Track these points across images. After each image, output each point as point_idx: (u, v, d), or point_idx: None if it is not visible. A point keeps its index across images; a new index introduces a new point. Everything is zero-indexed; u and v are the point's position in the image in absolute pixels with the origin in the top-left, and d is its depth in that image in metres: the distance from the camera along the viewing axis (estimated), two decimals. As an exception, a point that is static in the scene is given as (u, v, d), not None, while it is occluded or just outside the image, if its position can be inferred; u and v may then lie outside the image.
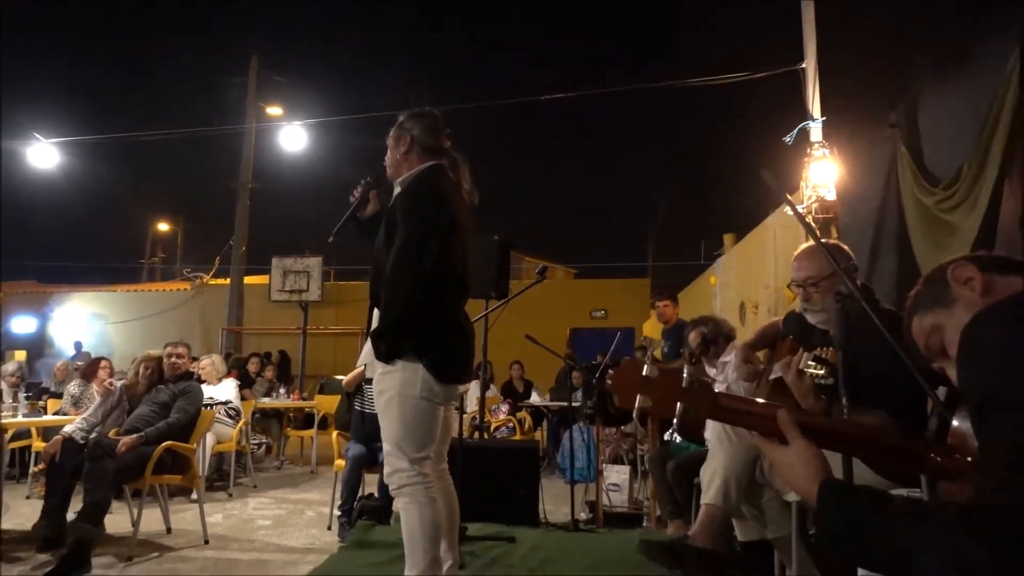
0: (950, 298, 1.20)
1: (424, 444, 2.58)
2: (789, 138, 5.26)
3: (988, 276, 1.17)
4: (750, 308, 7.15)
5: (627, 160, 49.04)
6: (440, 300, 2.62)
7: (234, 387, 6.68)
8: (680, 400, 1.18)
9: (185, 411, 4.39)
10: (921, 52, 3.34)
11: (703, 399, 1.18)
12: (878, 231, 3.76)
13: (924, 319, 1.25)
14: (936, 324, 1.22)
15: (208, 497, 5.59)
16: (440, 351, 2.62)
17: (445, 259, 2.60)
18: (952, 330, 1.17)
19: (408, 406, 2.56)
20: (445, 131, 2.85)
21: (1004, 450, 0.88)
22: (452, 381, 2.67)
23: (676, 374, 1.19)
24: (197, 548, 4.14)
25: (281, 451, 8.39)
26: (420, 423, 2.57)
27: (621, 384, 1.22)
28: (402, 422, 2.57)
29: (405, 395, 2.56)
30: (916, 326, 1.27)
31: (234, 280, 14.99)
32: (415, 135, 2.77)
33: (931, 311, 1.23)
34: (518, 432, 7.92)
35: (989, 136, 2.70)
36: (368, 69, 40.22)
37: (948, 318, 1.20)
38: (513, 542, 4.04)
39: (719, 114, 25.93)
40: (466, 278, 2.79)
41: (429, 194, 2.67)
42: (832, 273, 2.52)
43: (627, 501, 5.19)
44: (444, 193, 2.69)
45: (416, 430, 2.57)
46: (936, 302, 1.23)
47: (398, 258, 2.58)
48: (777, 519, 2.77)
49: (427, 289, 2.57)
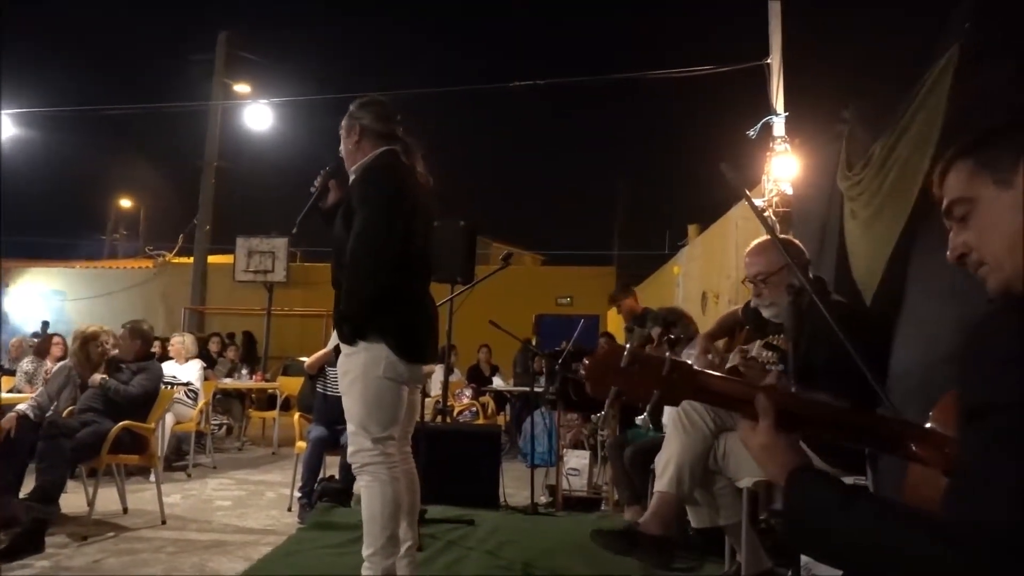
0: (1010, 178, 0.98)
1: (388, 424, 2.61)
2: (753, 132, 5.35)
3: None
4: (712, 298, 7.27)
5: (596, 150, 49.20)
6: (401, 281, 2.65)
7: (199, 369, 6.63)
8: (658, 387, 1.13)
9: (143, 387, 4.35)
10: (875, 52, 3.43)
11: (683, 384, 1.13)
12: (823, 225, 3.87)
13: (963, 175, 1.04)
14: (973, 195, 1.02)
15: (167, 477, 5.55)
16: (403, 331, 2.65)
17: (404, 240, 2.63)
18: (985, 213, 1.01)
19: (372, 386, 2.58)
20: (396, 117, 2.85)
21: (991, 462, 0.82)
22: (416, 360, 2.68)
23: (656, 361, 1.13)
24: (154, 528, 4.12)
25: (243, 432, 8.34)
26: (383, 403, 2.60)
27: (596, 373, 1.14)
28: (365, 402, 2.59)
29: (369, 375, 2.58)
30: (953, 176, 1.05)
31: (198, 259, 14.76)
32: (365, 124, 2.79)
33: (978, 175, 1.02)
34: (481, 416, 7.97)
35: (908, 121, 2.81)
36: (340, 50, 39.71)
37: (991, 198, 1.00)
38: (472, 525, 4.09)
39: (687, 106, 26.15)
40: (427, 259, 2.83)
41: (384, 177, 2.69)
42: (782, 268, 2.59)
43: (586, 486, 5.27)
44: (399, 176, 2.72)
45: (380, 410, 2.60)
46: (990, 167, 1.00)
47: (357, 242, 2.59)
48: (729, 506, 2.84)
49: (387, 270, 2.60)
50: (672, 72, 6.23)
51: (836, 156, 3.66)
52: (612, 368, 1.13)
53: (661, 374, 1.13)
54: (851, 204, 3.38)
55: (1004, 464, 0.80)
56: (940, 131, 2.57)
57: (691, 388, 1.14)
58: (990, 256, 1.02)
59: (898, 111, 2.94)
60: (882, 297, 3.07)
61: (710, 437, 2.75)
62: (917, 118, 2.79)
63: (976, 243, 1.03)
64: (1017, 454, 0.79)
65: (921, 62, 2.80)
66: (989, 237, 1.01)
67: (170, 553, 3.65)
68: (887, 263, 3.00)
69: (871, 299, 3.17)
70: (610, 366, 1.13)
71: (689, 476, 2.72)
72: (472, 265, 5.18)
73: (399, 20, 57.56)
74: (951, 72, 2.52)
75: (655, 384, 1.13)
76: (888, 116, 3.06)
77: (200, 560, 3.54)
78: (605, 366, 1.14)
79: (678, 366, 1.14)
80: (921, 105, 2.75)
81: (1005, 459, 0.80)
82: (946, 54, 2.57)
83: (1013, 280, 1.00)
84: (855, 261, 3.38)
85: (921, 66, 2.78)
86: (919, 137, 2.76)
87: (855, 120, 3.55)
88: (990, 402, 0.84)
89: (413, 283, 2.74)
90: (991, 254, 1.02)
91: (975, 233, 1.03)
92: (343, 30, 51.93)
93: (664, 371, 1.13)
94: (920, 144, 2.74)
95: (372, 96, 2.92)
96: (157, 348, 8.36)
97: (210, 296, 14.93)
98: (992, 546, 0.78)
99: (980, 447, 0.84)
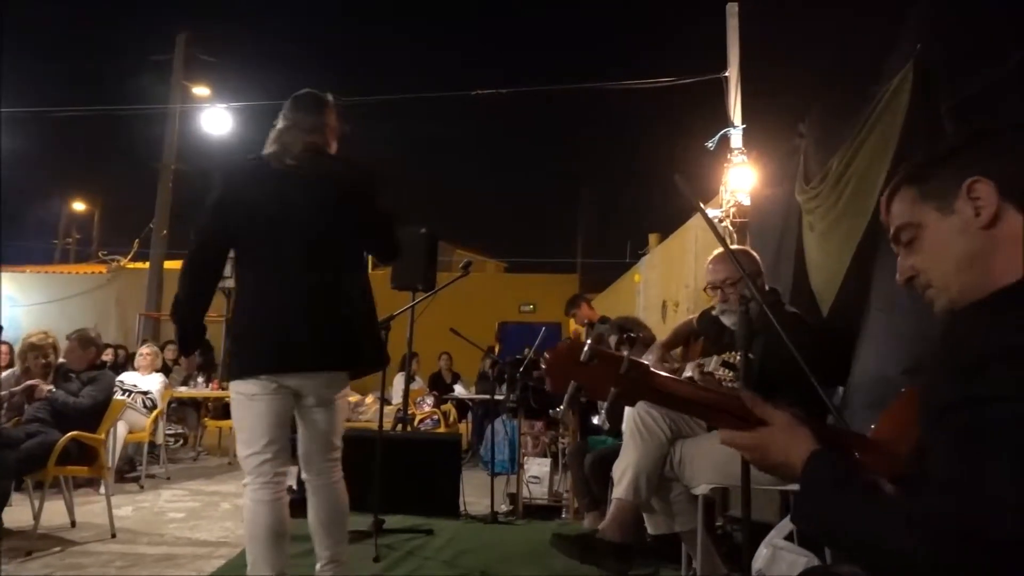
0: (951, 204, 1.02)
1: (249, 442, 2.45)
2: (711, 143, 5.44)
3: (1004, 205, 0.99)
4: (671, 306, 7.35)
5: (559, 158, 49.49)
6: (202, 285, 2.58)
7: (161, 383, 6.51)
8: (616, 385, 1.14)
9: (92, 397, 4.24)
10: (831, 66, 3.52)
11: (640, 383, 1.14)
12: (781, 236, 3.95)
13: (907, 203, 1.08)
14: (918, 221, 1.06)
15: (118, 489, 5.41)
16: (234, 342, 2.54)
17: (206, 246, 2.56)
18: (930, 238, 1.05)
19: (233, 403, 2.51)
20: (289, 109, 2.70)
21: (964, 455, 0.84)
22: (249, 373, 2.45)
23: (615, 359, 1.15)
24: (103, 542, 4.01)
25: (198, 441, 8.18)
26: (240, 421, 2.48)
27: (556, 367, 1.16)
28: (234, 419, 2.53)
29: (232, 391, 2.52)
30: (898, 202, 1.10)
31: (154, 264, 14.45)
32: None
33: (924, 201, 1.06)
34: (443, 424, 7.93)
35: (864, 136, 2.89)
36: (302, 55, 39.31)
37: (935, 223, 1.04)
38: (431, 534, 4.07)
39: (649, 117, 26.44)
40: (281, 249, 2.52)
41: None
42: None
43: (547, 493, 5.27)
44: (222, 178, 2.61)
45: (241, 428, 2.48)
46: (935, 196, 1.04)
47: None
48: (684, 513, 2.87)
49: (184, 283, 2.56)
50: (632, 83, 6.31)
51: (793, 168, 3.74)
52: (572, 362, 1.15)
53: (619, 372, 1.14)
54: (808, 217, 3.45)
55: (982, 459, 0.82)
56: (895, 148, 2.64)
57: (647, 387, 1.16)
58: (936, 279, 1.06)
59: (854, 126, 3.02)
60: (839, 309, 3.14)
61: (666, 444, 2.78)
62: (873, 134, 2.86)
63: (923, 266, 1.07)
64: (996, 449, 0.81)
65: (876, 79, 2.89)
66: (935, 261, 1.05)
67: (119, 568, 3.55)
68: (844, 275, 3.07)
69: (828, 311, 3.24)
70: (570, 360, 1.15)
71: (646, 484, 2.75)
72: (433, 272, 5.16)
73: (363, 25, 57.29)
74: (906, 90, 2.60)
75: (613, 381, 1.14)
76: (844, 131, 3.14)
77: (150, 574, 3.45)
78: (565, 360, 1.16)
79: (636, 365, 1.16)
80: (877, 121, 2.83)
81: (980, 455, 0.82)
82: (900, 71, 2.64)
83: (958, 301, 1.04)
84: (813, 273, 3.45)
85: (876, 83, 2.86)
86: (874, 153, 2.83)
87: (811, 134, 3.63)
88: (963, 399, 0.86)
89: (248, 279, 2.55)
90: (937, 277, 1.06)
91: (921, 257, 1.07)
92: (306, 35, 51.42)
93: (622, 369, 1.14)
94: (876, 160, 2.82)
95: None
96: (109, 356, 8.20)
97: (166, 302, 14.61)
98: (966, 541, 0.79)
99: (956, 442, 0.86)
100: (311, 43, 48.30)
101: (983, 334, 0.91)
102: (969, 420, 0.85)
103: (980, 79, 2.21)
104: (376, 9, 56.31)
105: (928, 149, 1.11)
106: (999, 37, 2.19)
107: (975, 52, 2.30)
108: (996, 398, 0.83)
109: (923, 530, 0.82)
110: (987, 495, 0.80)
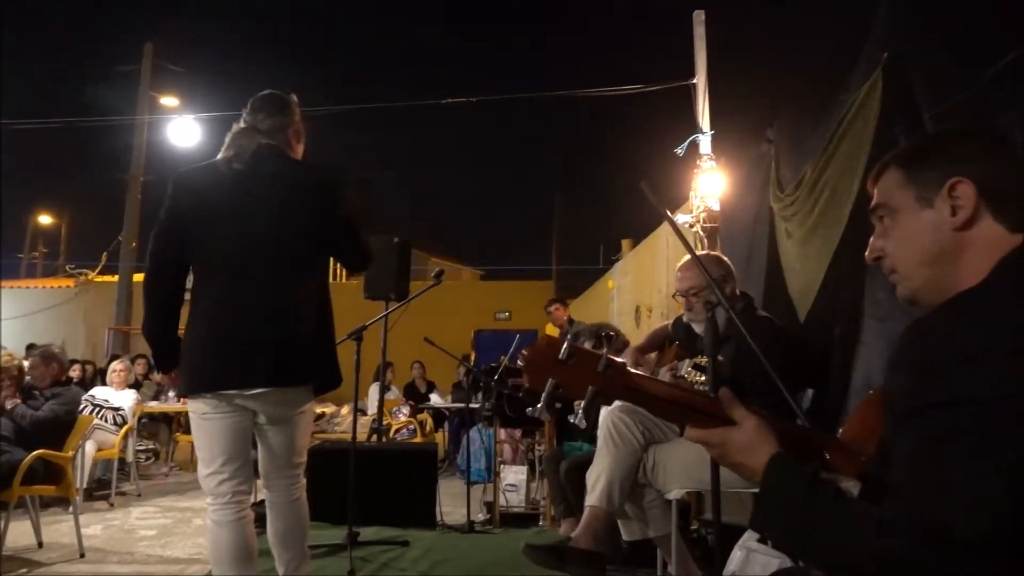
0: (931, 198, 1.03)
1: (206, 461, 2.38)
2: (680, 150, 5.49)
3: (981, 210, 1.00)
4: (644, 312, 7.40)
5: (534, 166, 49.74)
6: (162, 301, 2.50)
7: (133, 399, 6.40)
8: (593, 383, 1.13)
9: (53, 411, 4.15)
10: (797, 73, 3.58)
11: (618, 382, 1.14)
12: (752, 241, 3.99)
13: (892, 183, 1.09)
14: (896, 205, 1.07)
15: (87, 508, 5.30)
16: (181, 358, 2.45)
17: (162, 259, 2.49)
18: (903, 225, 1.07)
19: (191, 421, 2.45)
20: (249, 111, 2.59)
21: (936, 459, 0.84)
22: (196, 391, 2.38)
23: (593, 356, 1.14)
24: (71, 562, 3.92)
25: (170, 457, 8.04)
26: (199, 439, 2.42)
27: (534, 364, 1.15)
28: (193, 438, 2.49)
29: (188, 409, 2.47)
30: (883, 180, 1.10)
31: (123, 277, 14.23)
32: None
33: (905, 187, 1.07)
34: (419, 434, 7.89)
35: (836, 144, 2.93)
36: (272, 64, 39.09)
37: (911, 212, 1.06)
38: (407, 545, 4.04)
39: (620, 123, 26.66)
40: (219, 253, 2.43)
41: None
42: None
43: (524, 501, 5.26)
44: (173, 187, 2.50)
45: (199, 447, 2.42)
46: (918, 185, 1.05)
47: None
48: (659, 518, 2.88)
49: (146, 296, 2.51)
50: (603, 91, 6.35)
51: (762, 173, 3.79)
52: (550, 360, 1.15)
53: (597, 370, 1.14)
54: (786, 224, 3.48)
55: (946, 461, 0.83)
56: (867, 156, 2.68)
57: (625, 386, 1.15)
58: (902, 266, 1.08)
59: (822, 133, 3.06)
60: (816, 314, 3.18)
61: (639, 451, 2.79)
62: (844, 142, 2.90)
63: (890, 251, 1.09)
64: (959, 451, 0.82)
65: (844, 85, 2.94)
66: (903, 249, 1.07)
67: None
68: (821, 281, 3.11)
69: (804, 316, 3.28)
70: (548, 358, 1.15)
71: (619, 490, 2.75)
72: (407, 281, 5.15)
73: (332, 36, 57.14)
74: (876, 98, 2.64)
75: (591, 379, 1.14)
76: (812, 137, 3.19)
77: (120, 594, 3.39)
78: (543, 357, 1.15)
79: (613, 363, 1.15)
80: (848, 128, 2.87)
81: (947, 457, 0.83)
82: (869, 79, 2.69)
83: (920, 292, 1.06)
84: (791, 279, 3.48)
85: (845, 90, 2.91)
86: (847, 161, 2.87)
87: (780, 139, 3.68)
88: (926, 402, 0.87)
89: (199, 294, 2.46)
90: (903, 265, 1.07)
91: (892, 242, 1.09)
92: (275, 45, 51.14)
93: (600, 367, 1.14)
94: (848, 168, 2.86)
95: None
96: (77, 372, 8.05)
97: (136, 316, 14.39)
98: (936, 542, 0.80)
99: (920, 445, 0.86)
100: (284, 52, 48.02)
101: (944, 338, 0.92)
102: (932, 423, 0.85)
103: (956, 87, 2.24)
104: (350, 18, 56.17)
105: (923, 135, 1.13)
106: (972, 43, 2.22)
107: (948, 58, 2.33)
108: (958, 401, 0.84)
109: (892, 536, 0.83)
110: (951, 498, 0.81)
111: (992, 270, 0.97)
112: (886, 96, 2.58)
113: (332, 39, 52.39)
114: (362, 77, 49.88)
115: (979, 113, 2.11)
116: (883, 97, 2.60)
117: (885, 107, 2.59)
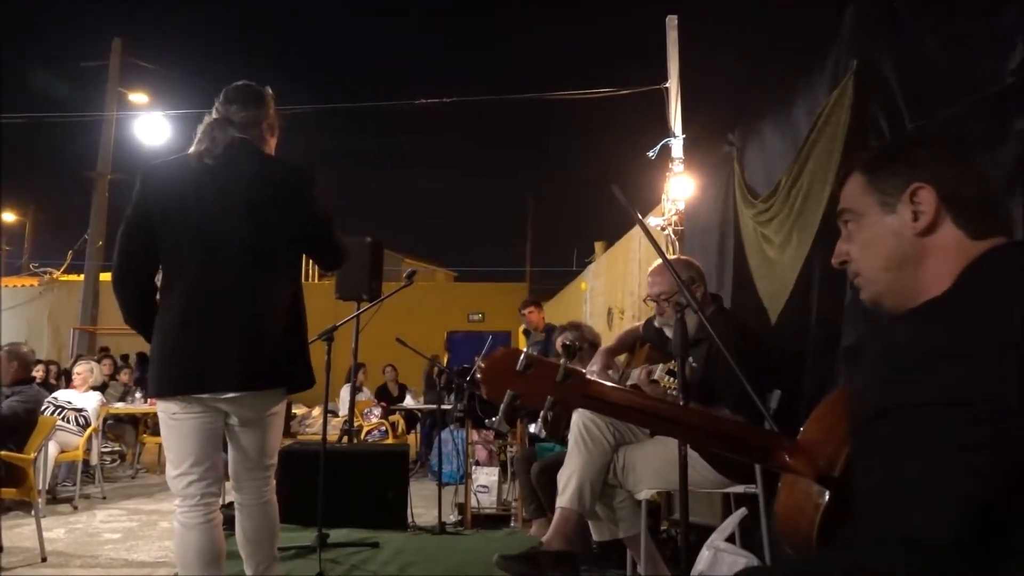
0: (893, 203, 1.05)
1: (176, 463, 2.34)
2: (653, 153, 5.54)
3: (942, 215, 1.01)
4: (617, 313, 7.44)
5: (508, 168, 49.82)
6: (136, 298, 2.46)
7: (97, 400, 6.28)
8: (551, 393, 1.13)
9: (12, 409, 4.07)
10: (761, 78, 3.64)
11: (577, 391, 1.14)
12: (720, 244, 4.04)
13: (856, 189, 1.10)
14: (860, 210, 1.09)
15: (50, 511, 5.19)
16: (149, 358, 2.43)
17: (130, 253, 2.43)
18: (867, 230, 1.08)
19: (160, 422, 2.41)
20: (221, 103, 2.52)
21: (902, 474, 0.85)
22: (163, 394, 2.33)
23: (551, 366, 1.14)
24: (33, 567, 3.84)
25: (136, 459, 7.91)
26: (167, 440, 2.38)
27: (492, 375, 1.15)
28: (162, 439, 2.47)
29: (157, 410, 2.42)
30: (848, 186, 1.12)
31: (89, 277, 13.99)
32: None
33: (868, 192, 1.08)
34: (391, 436, 7.85)
35: (808, 151, 2.98)
36: (245, 61, 38.68)
37: (875, 217, 1.07)
38: (377, 547, 4.01)
39: (594, 126, 26.80)
40: (188, 252, 2.36)
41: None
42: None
43: (496, 502, 5.26)
44: (142, 183, 2.43)
45: (168, 448, 2.38)
46: (881, 190, 1.06)
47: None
48: (628, 519, 2.90)
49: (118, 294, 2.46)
50: (576, 94, 6.38)
51: (724, 176, 3.84)
52: (508, 371, 1.14)
53: (555, 380, 1.14)
54: (763, 229, 3.51)
55: (914, 464, 0.84)
56: (839, 160, 2.72)
57: (584, 395, 1.15)
58: (865, 270, 1.09)
59: (788, 136, 3.10)
60: (788, 316, 3.22)
61: (610, 452, 2.81)
62: (817, 148, 2.94)
63: (856, 256, 1.10)
64: (927, 454, 0.83)
65: (812, 89, 2.98)
66: (867, 253, 1.08)
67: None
68: (794, 284, 3.15)
69: (776, 318, 3.32)
70: (506, 369, 1.14)
71: (590, 491, 2.77)
72: (379, 282, 5.13)
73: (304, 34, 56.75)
74: (845, 105, 2.69)
75: (550, 389, 1.14)
76: (778, 141, 3.23)
77: (83, 598, 3.33)
78: (501, 369, 1.15)
79: (572, 373, 1.15)
80: (820, 135, 2.91)
81: (916, 458, 0.84)
82: (839, 84, 2.73)
83: (883, 296, 1.08)
84: (763, 284, 3.52)
85: (813, 95, 2.95)
86: (819, 166, 2.91)
87: (743, 142, 3.74)
88: (888, 407, 0.88)
89: (168, 293, 2.39)
90: (867, 269, 1.09)
91: (856, 247, 1.10)
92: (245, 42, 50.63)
93: (558, 377, 1.14)
94: (820, 173, 2.90)
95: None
96: (40, 372, 7.88)
97: (102, 316, 14.15)
98: (912, 546, 0.81)
99: (880, 453, 0.88)
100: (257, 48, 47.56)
101: (909, 344, 0.94)
102: (895, 428, 0.87)
103: (928, 94, 2.27)
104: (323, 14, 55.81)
105: (888, 141, 1.15)
106: (942, 48, 2.26)
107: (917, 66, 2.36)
108: (921, 404, 0.85)
109: (878, 553, 0.84)
110: (921, 502, 0.82)
111: (956, 280, 0.98)
112: (857, 102, 2.63)
113: (306, 37, 51.98)
114: (335, 76, 49.56)
115: (950, 119, 2.15)
116: (853, 103, 2.65)
117: (856, 112, 2.63)
